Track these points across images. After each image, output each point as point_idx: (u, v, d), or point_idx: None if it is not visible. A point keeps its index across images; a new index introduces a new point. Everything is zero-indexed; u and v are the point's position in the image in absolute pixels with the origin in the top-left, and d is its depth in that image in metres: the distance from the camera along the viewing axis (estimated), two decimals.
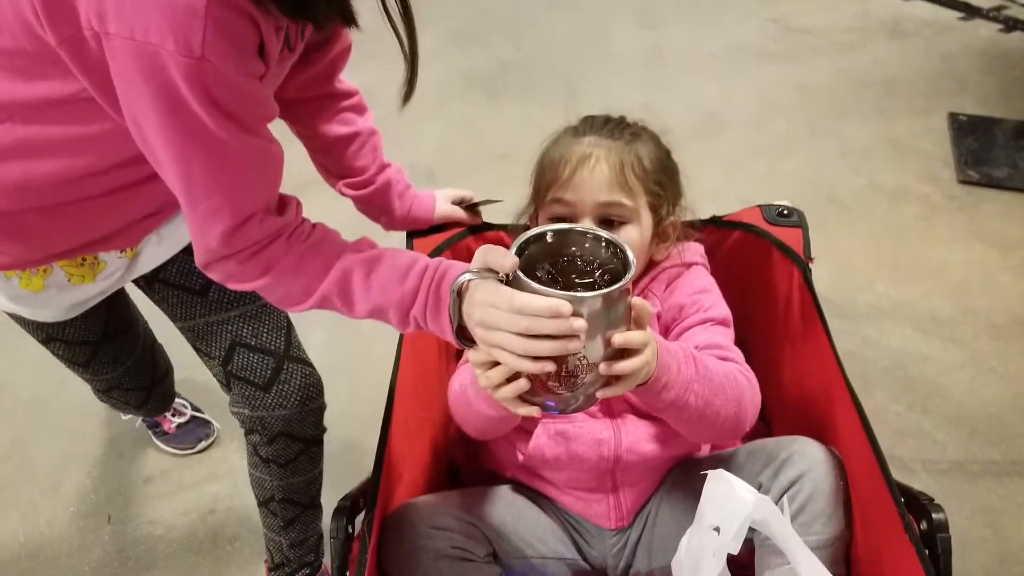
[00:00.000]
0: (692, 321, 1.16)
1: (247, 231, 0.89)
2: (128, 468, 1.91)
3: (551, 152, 1.19)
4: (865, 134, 2.78)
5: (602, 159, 1.13)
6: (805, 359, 1.22)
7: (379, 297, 0.93)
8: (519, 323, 0.81)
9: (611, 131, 1.17)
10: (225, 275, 0.94)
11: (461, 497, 1.19)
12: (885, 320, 2.12)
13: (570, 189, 1.13)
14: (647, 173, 1.15)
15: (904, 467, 1.77)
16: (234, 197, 0.87)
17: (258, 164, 0.88)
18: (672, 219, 1.20)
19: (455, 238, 1.33)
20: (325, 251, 0.95)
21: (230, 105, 0.81)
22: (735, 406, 1.05)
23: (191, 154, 0.83)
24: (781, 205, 1.32)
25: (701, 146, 2.74)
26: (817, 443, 1.10)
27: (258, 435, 1.32)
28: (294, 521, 1.42)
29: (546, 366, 0.82)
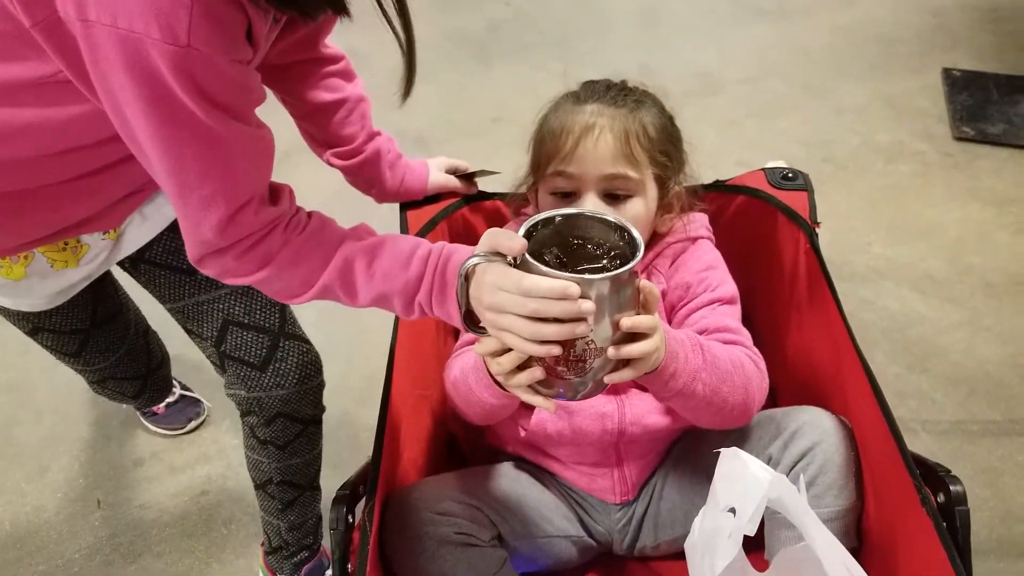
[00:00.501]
0: (700, 302, 1.12)
1: (242, 220, 0.86)
2: (117, 451, 1.86)
3: (551, 121, 1.13)
4: (860, 92, 2.74)
5: (606, 129, 1.07)
6: (812, 326, 1.18)
7: (382, 285, 0.91)
8: (527, 305, 0.79)
9: (614, 98, 1.11)
10: (221, 270, 0.91)
11: (463, 479, 1.16)
12: (883, 281, 2.10)
13: (573, 162, 1.08)
14: (652, 142, 1.10)
15: (906, 428, 1.71)
16: (227, 185, 0.84)
17: (249, 151, 0.86)
18: (677, 189, 1.16)
19: (450, 208, 1.28)
20: (324, 240, 0.92)
21: (218, 93, 0.78)
22: (743, 393, 1.02)
23: (180, 144, 0.80)
24: (785, 168, 1.27)
25: (698, 106, 2.70)
26: (827, 413, 1.07)
27: (255, 416, 1.28)
28: (292, 503, 1.39)
29: (552, 350, 0.81)
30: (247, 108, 0.85)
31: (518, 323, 0.81)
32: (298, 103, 1.18)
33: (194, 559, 1.65)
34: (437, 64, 2.94)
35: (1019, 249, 2.17)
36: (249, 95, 0.85)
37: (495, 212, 1.32)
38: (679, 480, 1.17)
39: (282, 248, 0.90)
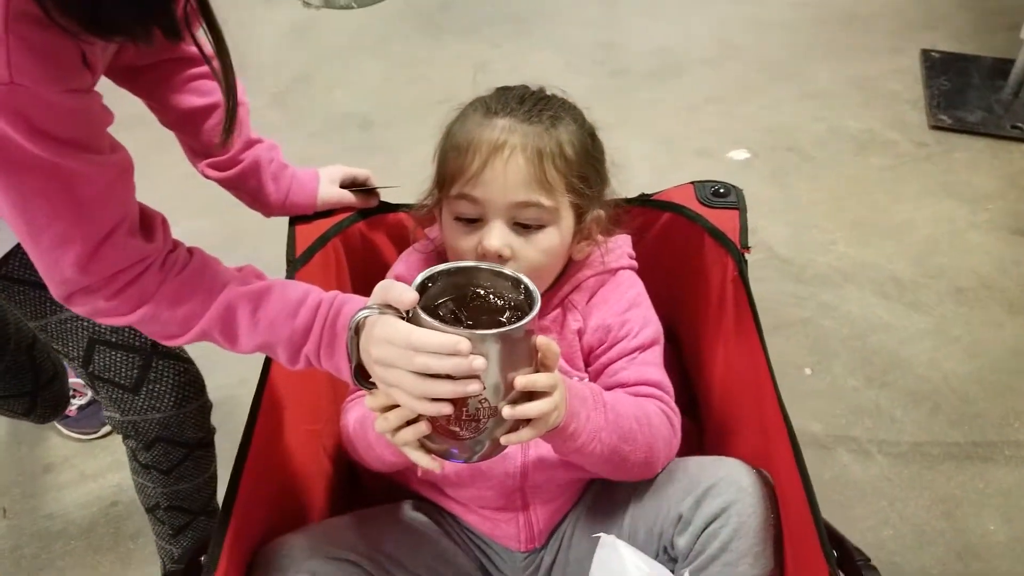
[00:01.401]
0: (620, 351, 1.04)
1: (107, 255, 0.80)
2: (28, 454, 1.77)
3: (457, 133, 1.00)
4: (829, 75, 2.63)
5: (517, 149, 0.95)
6: (737, 362, 1.08)
7: (267, 334, 0.86)
8: (415, 360, 0.75)
9: (528, 112, 0.98)
10: (92, 309, 0.84)
11: (347, 527, 1.05)
12: (845, 284, 2.00)
13: (479, 185, 0.96)
14: (569, 165, 0.98)
15: (860, 449, 1.67)
16: (80, 221, 0.78)
17: (102, 181, 0.78)
18: (595, 214, 1.04)
19: (344, 223, 1.17)
20: (206, 282, 0.86)
21: (56, 128, 0.72)
22: (645, 452, 0.97)
23: (19, 183, 0.74)
24: (717, 182, 1.16)
25: (657, 89, 2.60)
26: (745, 468, 0.97)
27: (133, 440, 1.20)
28: (184, 528, 1.31)
29: (443, 408, 0.78)
30: (92, 136, 0.78)
31: (406, 379, 0.77)
32: (163, 109, 1.07)
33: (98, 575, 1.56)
34: (386, 39, 2.81)
35: (992, 249, 2.07)
36: (92, 122, 0.78)
37: (397, 226, 1.21)
38: (592, 527, 1.07)
39: (159, 288, 0.84)
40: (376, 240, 1.22)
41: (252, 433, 0.96)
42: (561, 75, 2.66)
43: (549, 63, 2.69)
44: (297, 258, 1.12)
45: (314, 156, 2.43)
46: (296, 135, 2.50)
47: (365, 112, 2.53)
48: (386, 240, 1.22)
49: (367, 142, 2.47)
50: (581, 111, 1.05)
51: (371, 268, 1.21)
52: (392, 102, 2.60)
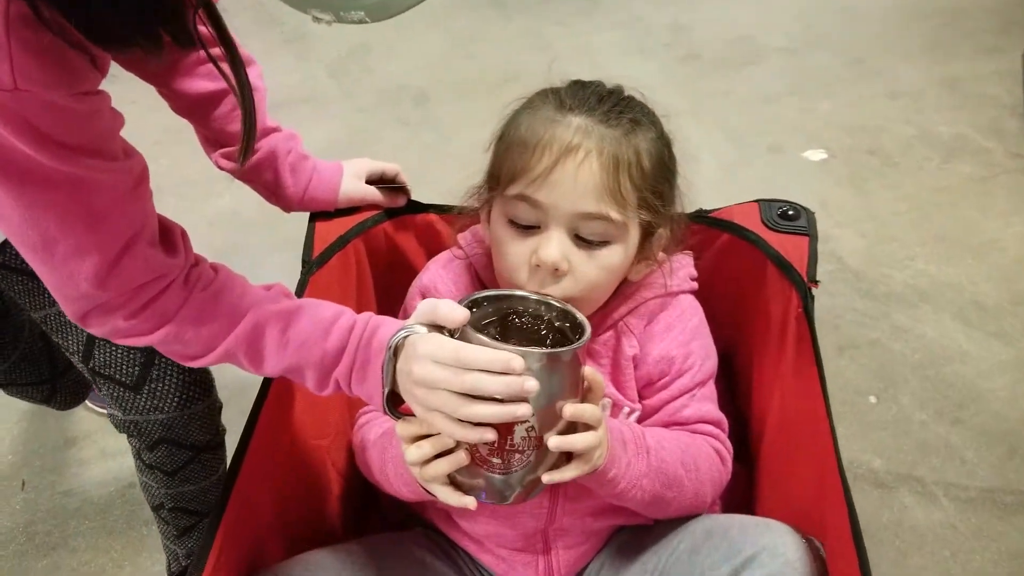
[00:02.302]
0: (680, 388, 0.95)
1: (125, 268, 0.75)
2: (53, 426, 1.74)
3: (524, 126, 0.88)
4: (920, 73, 2.45)
5: (593, 154, 0.84)
6: (794, 405, 0.96)
7: (295, 356, 0.81)
8: (463, 380, 0.71)
9: (607, 114, 0.87)
10: (110, 330, 0.79)
11: (354, 557, 0.96)
12: (922, 304, 1.84)
13: (544, 188, 0.84)
14: (645, 177, 0.87)
15: (924, 491, 1.52)
16: (96, 231, 0.72)
17: (117, 188, 0.73)
18: (660, 233, 0.92)
19: (368, 223, 1.07)
20: (232, 300, 0.82)
21: (64, 134, 0.67)
22: (691, 498, 0.91)
23: (28, 197, 0.69)
24: (786, 203, 1.03)
25: (731, 77, 2.45)
26: (794, 537, 0.85)
27: (136, 440, 1.13)
28: (189, 530, 1.25)
29: (487, 434, 0.73)
30: (104, 140, 0.72)
31: (451, 401, 0.72)
32: (173, 95, 0.99)
33: (108, 559, 1.52)
34: (450, 10, 2.69)
35: None
36: (103, 126, 0.72)
37: (427, 229, 1.10)
38: None
39: (183, 305, 0.79)
40: (402, 243, 1.12)
41: (247, 448, 0.89)
42: (628, 57, 2.54)
43: (616, 44, 2.57)
44: (314, 259, 1.03)
45: (365, 129, 2.40)
46: (348, 107, 2.43)
47: (421, 86, 2.44)
48: (414, 244, 1.12)
49: (419, 118, 2.38)
50: (659, 118, 0.93)
51: (396, 274, 1.11)
52: (449, 78, 2.50)
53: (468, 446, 0.76)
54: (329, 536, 1.05)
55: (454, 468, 0.77)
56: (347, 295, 1.06)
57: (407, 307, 1.01)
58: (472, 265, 1.00)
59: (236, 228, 2.04)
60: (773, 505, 0.95)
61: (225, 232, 2.05)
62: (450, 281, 1.00)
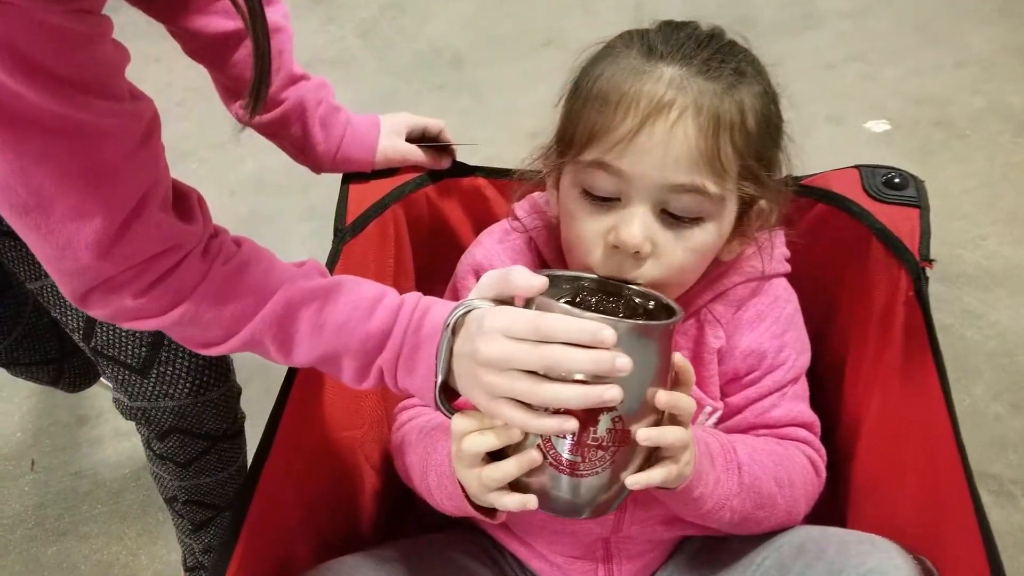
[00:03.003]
0: (771, 385, 0.83)
1: (136, 235, 0.64)
2: (62, 403, 1.65)
3: (603, 78, 0.74)
4: (990, 41, 2.28)
5: (688, 113, 0.70)
6: (901, 406, 0.84)
7: (332, 340, 0.71)
8: (543, 356, 0.60)
9: (706, 63, 0.72)
10: (115, 311, 0.69)
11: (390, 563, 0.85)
12: (995, 288, 1.71)
13: (628, 155, 0.71)
14: (749, 141, 0.73)
15: (1001, 490, 1.41)
16: (100, 190, 0.62)
17: (122, 137, 0.63)
18: (761, 206, 0.79)
19: (408, 187, 0.95)
20: (259, 276, 0.71)
21: (58, 63, 0.57)
22: (783, 516, 0.81)
23: (17, 145, 0.58)
24: (891, 169, 0.90)
25: (790, 42, 2.31)
26: (904, 556, 0.73)
27: (145, 427, 1.04)
28: (206, 525, 1.16)
29: (567, 423, 0.61)
30: (106, 76, 0.62)
31: (525, 383, 0.61)
32: (185, 35, 0.88)
33: (122, 547, 1.45)
34: None
35: None
36: (104, 58, 0.61)
37: (475, 194, 0.98)
38: None
39: (201, 281, 0.69)
40: (447, 210, 1.00)
41: (272, 439, 0.78)
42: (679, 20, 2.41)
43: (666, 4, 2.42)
44: (348, 226, 0.91)
45: (396, 93, 2.28)
46: (379, 70, 2.32)
47: (457, 48, 2.33)
48: (459, 212, 1.00)
49: (455, 81, 2.27)
50: (765, 66, 0.79)
51: (440, 244, 1.00)
52: (488, 39, 2.39)
53: (540, 442, 0.64)
54: (360, 536, 0.95)
55: (525, 470, 0.64)
56: (384, 268, 0.95)
57: (456, 286, 0.89)
58: (532, 240, 0.87)
59: (261, 196, 1.95)
60: (871, 518, 0.83)
61: (249, 200, 1.95)
62: (507, 257, 0.87)
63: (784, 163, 0.79)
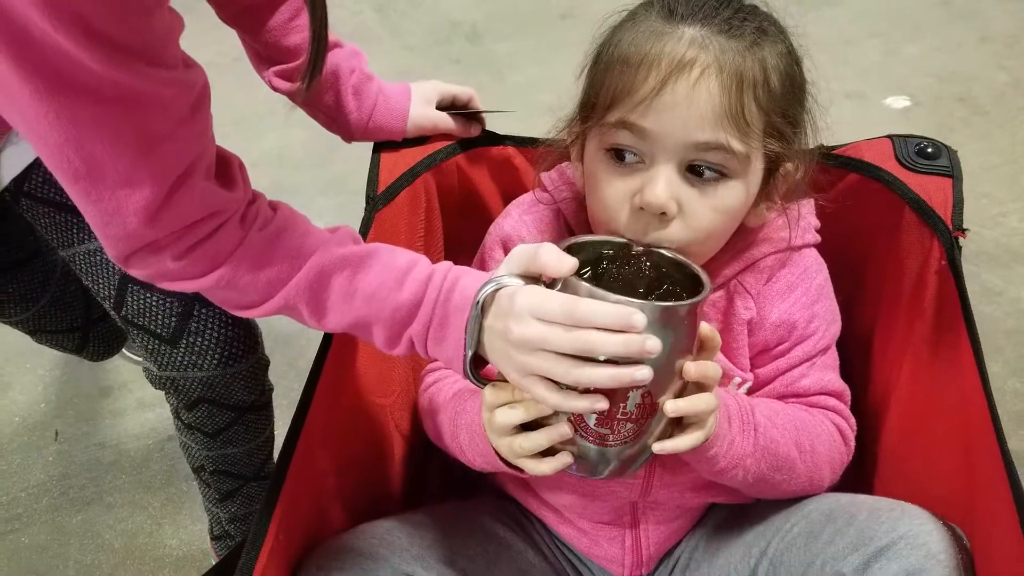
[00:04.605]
0: (801, 355, 0.84)
1: (179, 202, 0.66)
2: (86, 375, 1.67)
3: (625, 41, 0.75)
4: (1015, 16, 2.27)
5: (711, 70, 0.70)
6: (932, 377, 0.84)
7: (364, 307, 0.73)
8: (576, 339, 0.62)
9: (728, 21, 0.73)
10: (156, 272, 0.71)
11: (420, 528, 0.86)
12: (1016, 265, 1.71)
13: (652, 113, 0.71)
14: (773, 99, 0.73)
15: (1020, 464, 1.40)
16: (149, 156, 0.63)
17: (174, 106, 0.64)
18: (787, 168, 0.79)
19: (439, 155, 0.95)
20: (294, 241, 0.73)
21: (119, 30, 0.58)
22: (804, 482, 0.82)
23: (73, 110, 0.59)
24: (923, 138, 0.90)
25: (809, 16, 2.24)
26: (936, 524, 0.74)
27: (174, 397, 1.04)
28: (232, 495, 1.17)
29: (598, 403, 0.64)
30: (163, 44, 0.63)
31: (558, 365, 0.63)
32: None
33: (146, 516, 1.46)
34: None
35: None
36: (160, 25, 0.62)
37: (505, 164, 0.99)
38: (712, 559, 0.87)
39: (238, 246, 0.71)
40: (477, 179, 1.00)
41: (308, 408, 0.79)
42: None
43: None
44: (379, 194, 0.92)
45: (413, 68, 2.27)
46: (395, 45, 2.31)
47: (475, 21, 2.33)
48: (488, 181, 1.01)
49: (473, 56, 2.27)
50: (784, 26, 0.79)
51: (469, 213, 1.01)
52: (507, 11, 2.38)
53: (571, 415, 0.66)
54: (389, 501, 0.96)
55: (555, 442, 0.67)
56: (414, 236, 0.95)
57: (484, 257, 0.89)
58: (560, 210, 0.87)
59: (282, 168, 1.95)
60: (900, 488, 0.83)
61: (271, 172, 1.94)
62: (535, 229, 0.87)
63: (809, 124, 0.79)
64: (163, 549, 1.41)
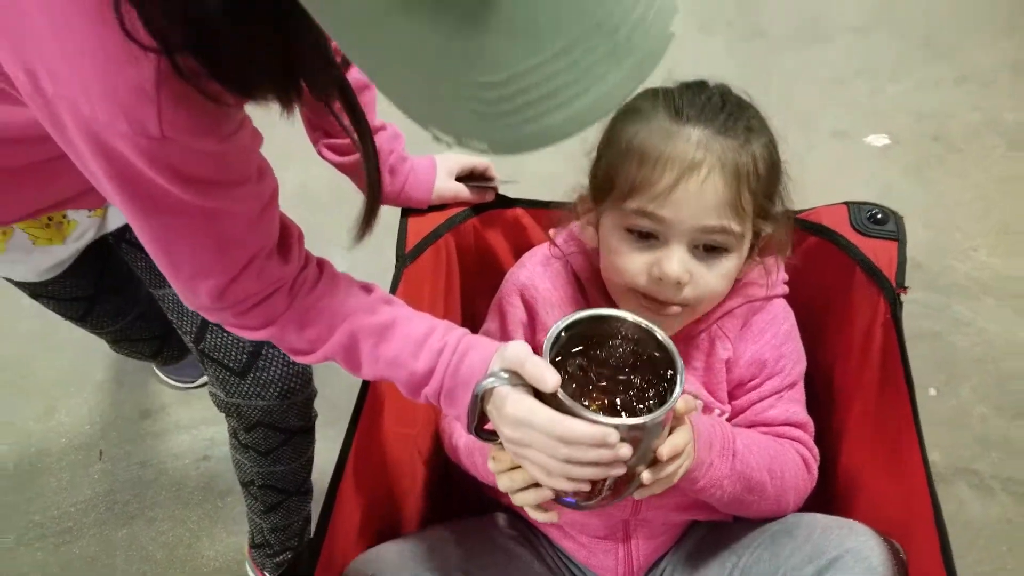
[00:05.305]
0: (770, 388, 0.98)
1: (242, 284, 0.77)
2: (127, 398, 1.80)
3: (639, 138, 0.87)
4: (990, 57, 2.39)
5: (716, 170, 0.84)
6: (879, 419, 0.97)
7: (387, 370, 0.84)
8: (559, 451, 0.73)
9: (725, 123, 0.86)
10: (221, 321, 0.83)
11: (441, 541, 1.00)
12: (984, 297, 1.83)
13: (668, 205, 0.84)
14: (760, 184, 0.88)
15: (982, 485, 1.54)
16: (222, 253, 0.75)
17: (248, 214, 0.75)
18: (767, 230, 0.93)
19: (457, 219, 1.10)
20: (333, 306, 0.83)
21: (205, 172, 0.68)
22: (773, 503, 0.94)
23: (164, 225, 0.71)
24: (875, 206, 1.03)
25: (798, 57, 2.41)
26: (878, 541, 0.87)
27: (235, 420, 1.19)
28: (276, 507, 1.31)
29: (581, 487, 0.77)
30: (241, 170, 0.73)
31: (548, 463, 0.74)
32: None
33: (185, 530, 1.59)
34: None
35: None
36: (242, 156, 0.72)
37: (514, 224, 1.13)
38: (693, 570, 1.01)
39: (286, 311, 0.82)
40: (490, 238, 1.14)
41: (351, 442, 0.92)
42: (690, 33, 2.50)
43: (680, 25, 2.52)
44: (407, 253, 1.06)
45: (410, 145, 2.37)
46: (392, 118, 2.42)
47: None
48: (501, 238, 1.15)
49: None
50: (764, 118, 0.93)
51: (484, 267, 1.15)
52: None
53: None
54: (413, 519, 1.09)
55: (542, 501, 0.81)
56: (437, 289, 1.09)
57: (502, 303, 1.03)
58: (570, 265, 1.01)
59: (305, 205, 2.04)
60: (853, 509, 0.97)
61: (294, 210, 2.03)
62: (548, 281, 1.01)
63: (784, 194, 0.93)
64: (201, 560, 1.53)
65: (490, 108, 0.46)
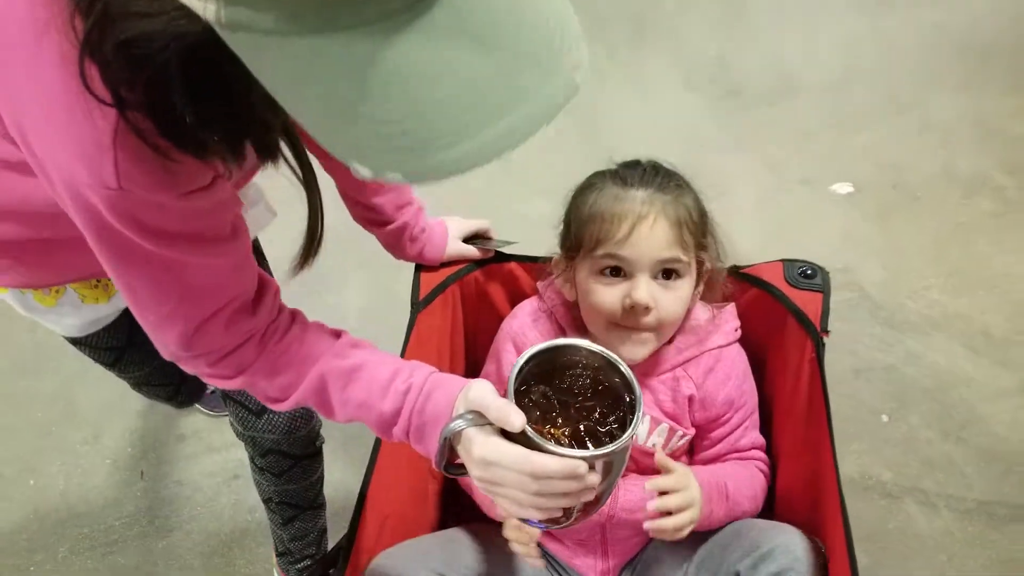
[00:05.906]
0: (737, 421, 1.19)
1: (207, 335, 0.80)
2: (164, 425, 1.97)
3: (597, 206, 1.12)
4: (950, 109, 2.56)
5: (661, 217, 1.09)
6: (805, 441, 1.16)
7: (357, 412, 0.86)
8: (530, 487, 0.76)
9: (661, 184, 1.12)
10: (195, 371, 0.86)
11: (443, 542, 1.19)
12: (934, 333, 2.01)
13: (627, 246, 1.08)
14: (696, 226, 1.12)
15: (927, 502, 1.70)
16: (187, 303, 0.77)
17: (214, 269, 0.77)
18: (709, 268, 1.16)
19: (462, 272, 1.30)
20: (301, 354, 0.86)
21: (169, 225, 0.70)
22: (740, 516, 1.16)
23: (128, 271, 0.74)
24: (806, 263, 1.23)
25: (771, 111, 2.58)
26: (803, 538, 1.06)
27: (251, 448, 1.37)
28: (293, 519, 1.48)
29: (554, 514, 0.81)
30: (211, 228, 0.75)
31: (520, 497, 0.77)
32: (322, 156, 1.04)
33: (219, 542, 1.75)
34: None
35: None
36: (213, 215, 0.74)
37: (510, 277, 1.34)
38: (660, 565, 1.19)
39: (256, 360, 0.84)
40: (489, 288, 1.35)
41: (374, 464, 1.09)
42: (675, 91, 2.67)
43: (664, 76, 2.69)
44: (420, 301, 1.26)
45: None
46: None
47: None
48: (498, 288, 1.36)
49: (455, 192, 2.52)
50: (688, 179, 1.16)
51: (484, 312, 1.36)
52: None
53: None
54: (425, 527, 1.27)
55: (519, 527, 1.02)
56: (443, 332, 1.30)
57: (498, 349, 1.24)
58: (553, 315, 1.23)
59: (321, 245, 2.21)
60: (786, 513, 1.16)
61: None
62: (536, 331, 1.23)
63: (718, 240, 1.16)
64: (233, 568, 1.69)
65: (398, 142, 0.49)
